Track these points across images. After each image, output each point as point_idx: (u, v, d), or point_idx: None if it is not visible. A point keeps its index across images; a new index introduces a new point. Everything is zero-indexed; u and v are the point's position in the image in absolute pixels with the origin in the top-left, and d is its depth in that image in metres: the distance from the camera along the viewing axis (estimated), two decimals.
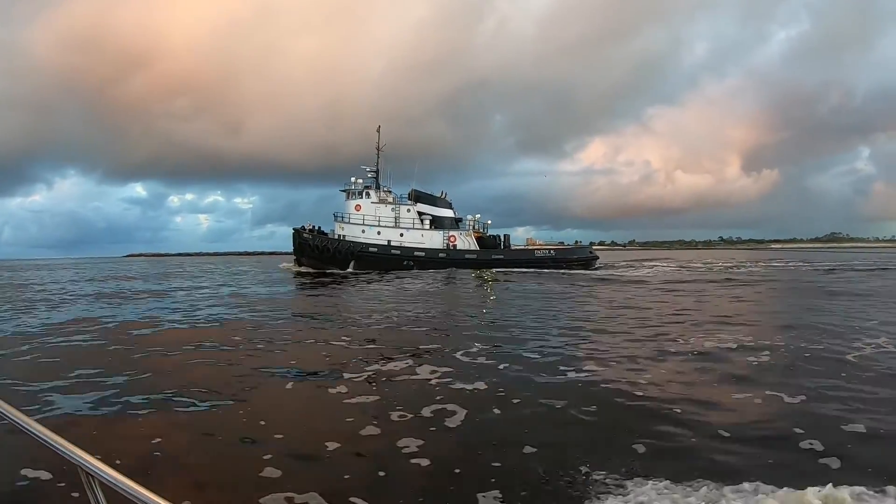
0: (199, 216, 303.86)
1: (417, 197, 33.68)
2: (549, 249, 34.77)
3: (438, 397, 4.87)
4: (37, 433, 1.21)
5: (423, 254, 31.96)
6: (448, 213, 34.06)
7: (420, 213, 33.31)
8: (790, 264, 34.26)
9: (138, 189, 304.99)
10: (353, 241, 32.05)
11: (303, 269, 31.53)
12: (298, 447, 3.73)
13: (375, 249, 31.79)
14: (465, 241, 33.29)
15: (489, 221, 35.81)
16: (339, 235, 32.78)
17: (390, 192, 34.05)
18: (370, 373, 5.87)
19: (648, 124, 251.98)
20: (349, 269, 30.50)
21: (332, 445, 3.70)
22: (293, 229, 33.22)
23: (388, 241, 32.44)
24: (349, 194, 33.60)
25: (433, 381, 5.47)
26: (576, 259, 34.18)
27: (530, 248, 35.15)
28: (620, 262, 40.87)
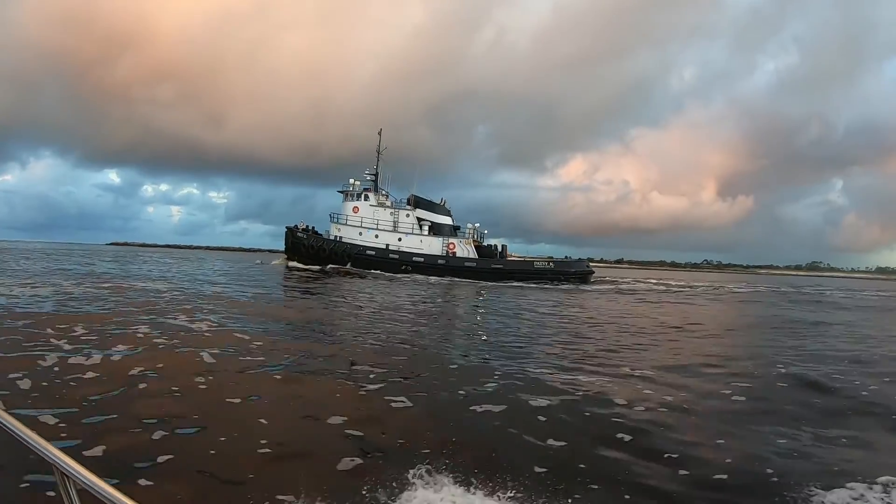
0: (171, 207, 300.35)
1: (417, 202, 33.13)
2: (549, 262, 34.31)
3: None
4: (14, 429, 1.18)
5: (422, 259, 31.26)
6: (447, 220, 33.53)
7: (419, 219, 32.76)
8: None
9: (112, 176, 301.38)
10: (349, 243, 31.34)
11: (292, 264, 30.99)
12: None
13: (373, 252, 31.07)
14: (464, 249, 32.65)
15: (486, 231, 35.39)
16: (336, 236, 32.08)
17: (388, 195, 33.54)
18: None
19: (630, 145, 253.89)
20: (348, 266, 29.98)
21: None
22: (286, 228, 32.51)
23: (387, 245, 31.75)
24: (347, 195, 33.01)
25: None
26: (574, 272, 33.79)
27: (529, 259, 34.68)
28: (633, 280, 40.10)
